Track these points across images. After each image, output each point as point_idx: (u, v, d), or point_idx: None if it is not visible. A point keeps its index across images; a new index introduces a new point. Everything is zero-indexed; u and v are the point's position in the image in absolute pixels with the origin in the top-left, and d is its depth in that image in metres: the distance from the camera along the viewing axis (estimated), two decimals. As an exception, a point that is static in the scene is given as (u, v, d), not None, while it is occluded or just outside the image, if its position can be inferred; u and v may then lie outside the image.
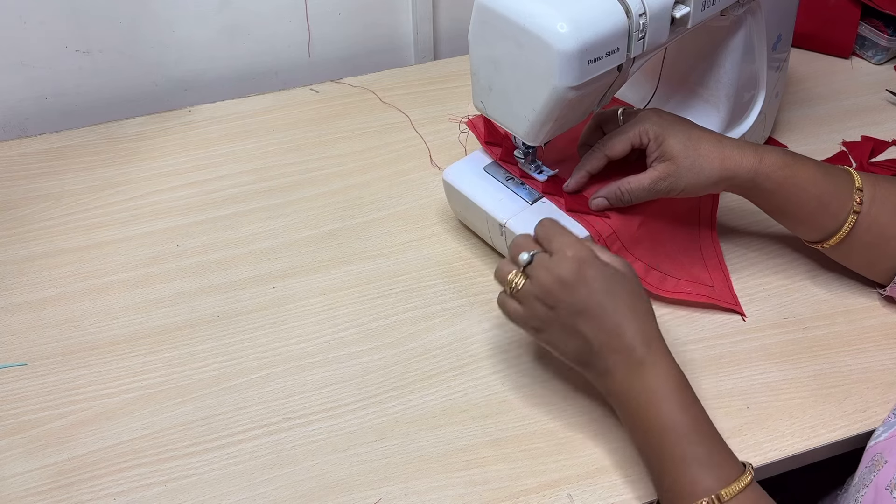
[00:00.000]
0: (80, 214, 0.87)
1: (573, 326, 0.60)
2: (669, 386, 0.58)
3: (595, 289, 0.59)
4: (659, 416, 0.57)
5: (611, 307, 0.59)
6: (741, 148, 0.69)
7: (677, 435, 0.57)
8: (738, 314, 0.75)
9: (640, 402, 0.59)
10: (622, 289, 0.60)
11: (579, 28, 0.60)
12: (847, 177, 0.71)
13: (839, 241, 0.71)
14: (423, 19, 1.09)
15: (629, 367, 0.59)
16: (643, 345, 0.59)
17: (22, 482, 0.64)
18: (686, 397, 0.58)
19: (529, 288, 0.62)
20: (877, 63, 1.06)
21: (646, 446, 0.59)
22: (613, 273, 0.61)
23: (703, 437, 0.57)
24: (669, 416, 0.57)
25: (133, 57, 1.02)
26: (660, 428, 0.57)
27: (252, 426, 0.68)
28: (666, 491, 0.57)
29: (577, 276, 0.59)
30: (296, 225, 0.85)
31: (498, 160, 0.78)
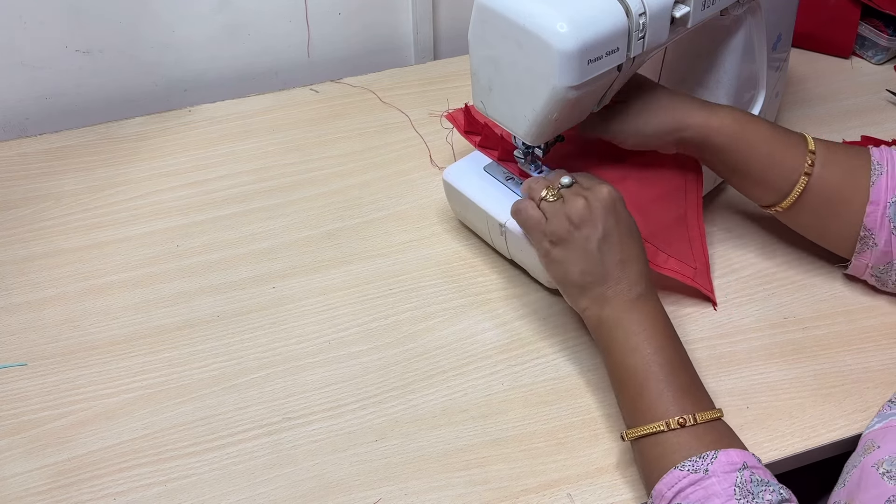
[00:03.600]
0: (80, 214, 0.87)
1: (591, 250, 0.64)
2: (661, 322, 0.63)
3: (623, 223, 0.65)
4: (648, 342, 0.61)
5: (629, 245, 0.65)
6: (692, 103, 0.72)
7: (662, 359, 0.61)
8: (713, 303, 0.76)
9: (632, 329, 0.62)
10: (638, 237, 0.66)
11: (579, 28, 0.60)
12: (800, 139, 0.72)
13: (790, 203, 0.72)
14: (423, 19, 1.10)
15: (628, 298, 0.63)
16: (643, 283, 0.64)
17: (22, 482, 0.64)
18: (673, 335, 0.63)
19: (562, 205, 0.66)
20: (877, 63, 1.06)
21: (627, 369, 0.62)
22: (634, 222, 0.67)
23: (685, 369, 0.61)
24: (657, 344, 0.61)
25: (133, 57, 1.02)
26: (647, 352, 0.61)
27: (252, 426, 0.68)
28: (641, 410, 0.60)
29: (611, 208, 0.65)
30: (296, 225, 0.85)
31: (496, 160, 0.78)
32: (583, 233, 0.64)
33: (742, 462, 0.55)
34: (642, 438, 0.59)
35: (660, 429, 0.58)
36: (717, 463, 0.55)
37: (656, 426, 0.58)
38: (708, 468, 0.55)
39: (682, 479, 0.55)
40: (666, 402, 0.59)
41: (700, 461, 0.55)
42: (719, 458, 0.55)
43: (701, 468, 0.55)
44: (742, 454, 0.56)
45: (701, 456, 0.55)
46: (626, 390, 0.62)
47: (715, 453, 0.55)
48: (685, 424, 0.57)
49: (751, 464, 0.55)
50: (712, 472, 0.54)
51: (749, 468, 0.55)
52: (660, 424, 0.58)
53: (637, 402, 0.61)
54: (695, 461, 0.55)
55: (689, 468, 0.55)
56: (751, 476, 0.54)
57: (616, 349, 0.63)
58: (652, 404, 0.59)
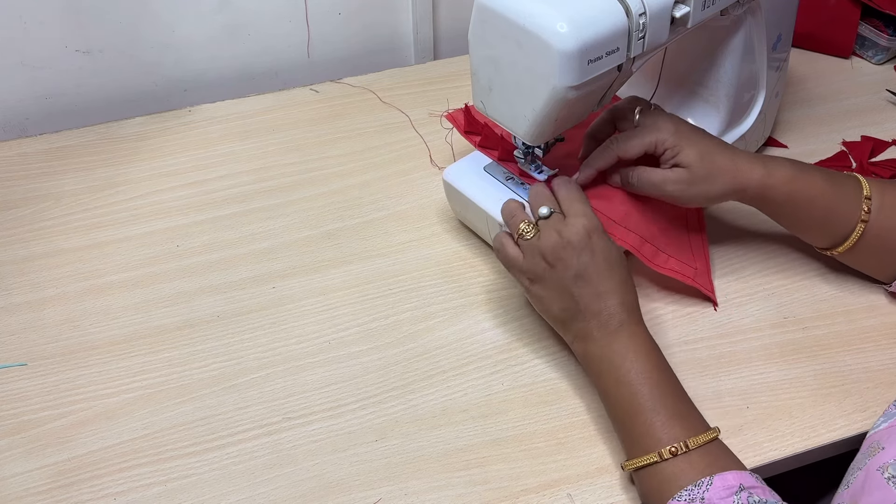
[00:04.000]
0: (80, 214, 0.87)
1: (566, 287, 0.64)
2: (645, 348, 0.63)
3: (599, 255, 0.64)
4: (633, 371, 0.61)
5: (606, 277, 0.64)
6: (752, 162, 0.70)
7: (650, 387, 0.60)
8: (713, 303, 0.76)
9: (615, 361, 0.62)
10: (618, 268, 0.65)
11: (579, 28, 0.60)
12: (855, 185, 0.71)
13: (848, 248, 0.72)
14: (423, 19, 1.10)
15: (608, 330, 0.63)
16: (624, 312, 0.63)
17: (22, 482, 0.64)
18: (659, 359, 0.63)
19: (537, 242, 0.65)
20: (877, 63, 1.06)
21: (617, 401, 0.62)
22: (614, 249, 0.65)
23: (674, 393, 0.61)
24: (643, 372, 0.61)
25: (133, 57, 1.02)
26: (634, 382, 0.61)
27: (252, 426, 0.68)
28: (635, 441, 0.60)
29: (585, 243, 0.64)
30: (296, 225, 0.85)
31: (496, 160, 0.78)
32: (557, 271, 0.64)
33: (738, 484, 0.55)
34: (639, 469, 0.59)
35: (653, 460, 0.58)
36: (712, 489, 0.55)
37: (650, 458, 0.58)
38: (704, 496, 0.55)
39: None
40: (657, 431, 0.59)
41: (696, 489, 0.55)
42: (715, 484, 0.55)
43: (697, 497, 0.55)
44: (738, 476, 0.56)
45: (696, 484, 0.55)
46: (619, 422, 0.62)
47: (710, 479, 0.55)
48: (677, 453, 0.57)
49: (748, 484, 0.55)
50: (708, 499, 0.54)
51: (746, 489, 0.55)
52: (653, 456, 0.58)
53: (630, 432, 0.61)
54: (691, 490, 0.55)
55: (686, 498, 0.55)
56: (748, 498, 0.54)
57: (603, 382, 0.63)
58: (643, 435, 0.59)
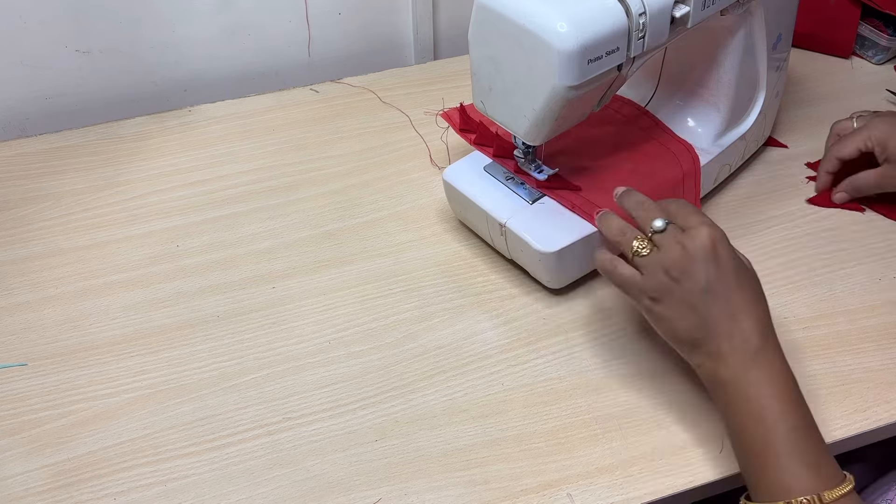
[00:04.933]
0: (81, 214, 0.87)
1: (694, 303, 0.59)
2: (781, 381, 0.57)
3: (726, 270, 0.59)
4: (770, 409, 0.56)
5: (736, 293, 0.59)
6: None
7: (785, 430, 0.55)
8: None
9: (750, 393, 0.57)
10: (748, 280, 0.60)
11: (579, 27, 0.60)
12: None
13: None
14: (423, 19, 1.10)
15: (743, 356, 0.58)
16: (760, 336, 0.58)
17: (22, 482, 0.64)
18: (796, 396, 0.57)
19: (657, 256, 0.60)
20: (877, 63, 1.06)
21: (747, 438, 0.57)
22: (742, 262, 0.61)
23: (810, 438, 0.56)
24: (780, 411, 0.56)
25: (133, 57, 1.02)
26: (769, 421, 0.56)
27: (252, 426, 0.68)
28: (763, 483, 0.56)
29: (712, 255, 0.59)
30: (296, 225, 0.85)
31: (492, 157, 0.78)
32: (682, 286, 0.59)
33: None
34: None
35: None
36: None
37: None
38: None
39: None
40: (788, 479, 0.54)
41: None
42: None
43: None
44: None
45: None
46: (746, 458, 0.58)
47: None
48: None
49: None
50: None
51: None
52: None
53: (758, 474, 0.56)
54: None
55: None
56: None
57: (734, 413, 0.58)
58: (773, 481, 0.55)
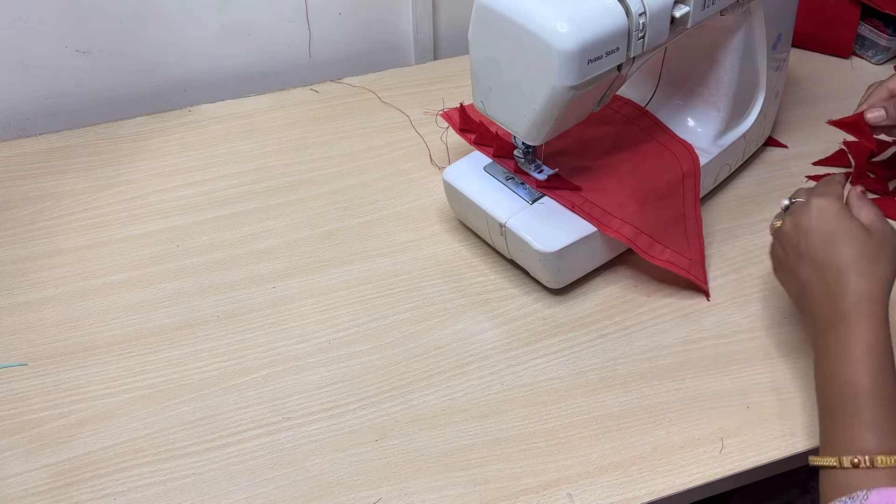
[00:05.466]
0: (81, 214, 0.87)
1: (795, 269, 0.64)
2: (865, 345, 0.57)
3: (824, 237, 0.61)
4: (842, 371, 0.57)
5: (835, 257, 0.60)
6: None
7: (853, 392, 0.56)
8: (706, 294, 0.76)
9: (831, 355, 0.59)
10: (855, 243, 0.60)
11: (579, 28, 0.60)
12: None
13: None
14: (423, 19, 1.10)
15: (829, 317, 0.60)
16: (854, 302, 0.59)
17: (22, 482, 0.64)
18: (879, 361, 0.57)
19: (778, 233, 0.67)
20: (877, 63, 1.06)
21: (824, 395, 0.59)
22: (853, 227, 0.61)
23: (882, 402, 0.56)
24: (851, 374, 0.57)
25: (133, 57, 1.02)
26: (840, 382, 0.57)
27: (252, 426, 0.68)
28: (829, 440, 0.57)
29: (813, 224, 0.62)
30: (296, 225, 0.85)
31: (492, 157, 0.78)
32: (788, 255, 0.65)
33: None
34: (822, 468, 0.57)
35: (832, 464, 0.55)
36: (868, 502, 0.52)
37: (830, 460, 0.55)
38: None
39: None
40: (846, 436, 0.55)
41: (850, 502, 0.52)
42: (870, 499, 0.52)
43: None
44: None
45: (852, 497, 0.52)
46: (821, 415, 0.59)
47: (867, 493, 0.52)
48: (859, 465, 0.53)
49: None
50: None
51: None
52: (832, 459, 0.55)
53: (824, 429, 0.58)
54: (845, 501, 0.53)
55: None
56: None
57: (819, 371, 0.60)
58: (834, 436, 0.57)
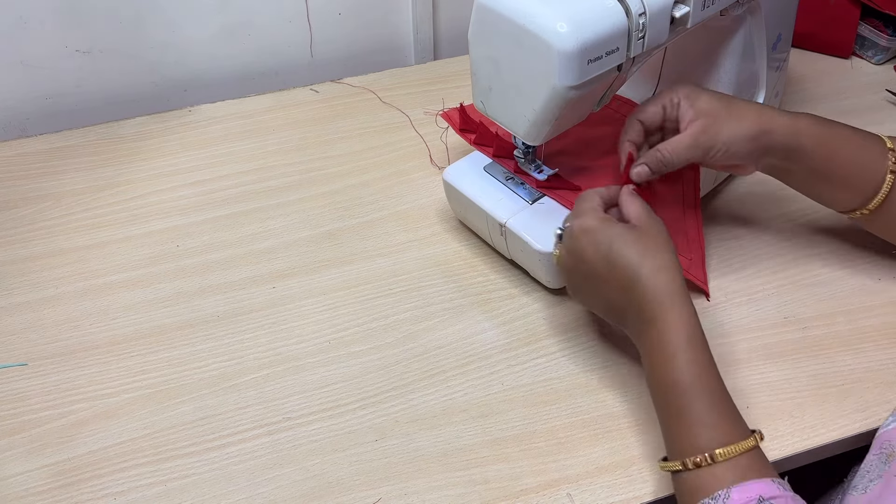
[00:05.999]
0: (81, 214, 0.87)
1: (592, 291, 0.64)
2: (679, 340, 0.58)
3: (602, 254, 0.62)
4: (666, 369, 0.58)
5: (618, 266, 0.61)
6: (772, 108, 0.70)
7: (680, 389, 0.57)
8: (705, 294, 0.76)
9: (652, 356, 0.60)
10: (631, 245, 0.61)
11: (579, 28, 0.60)
12: (876, 138, 0.71)
13: (878, 204, 0.70)
14: (423, 19, 1.10)
15: (642, 320, 0.61)
16: (655, 299, 0.60)
17: (22, 482, 0.64)
18: (696, 353, 0.58)
19: (559, 262, 0.67)
20: (877, 63, 1.06)
21: (655, 398, 0.60)
22: (620, 232, 0.62)
23: (707, 395, 0.57)
24: (675, 371, 0.58)
25: (133, 57, 1.02)
26: (667, 381, 0.58)
27: (252, 426, 0.68)
28: (669, 444, 0.59)
29: (583, 245, 0.63)
30: (296, 225, 0.85)
31: (492, 157, 0.78)
32: (579, 281, 0.65)
33: (758, 496, 0.52)
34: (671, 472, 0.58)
35: (677, 468, 0.56)
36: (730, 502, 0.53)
37: (675, 465, 0.56)
38: None
39: None
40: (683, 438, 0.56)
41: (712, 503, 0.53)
42: (732, 498, 0.53)
43: None
44: (759, 485, 0.53)
45: (713, 497, 0.53)
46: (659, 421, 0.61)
47: (727, 492, 0.53)
48: (701, 465, 0.54)
49: (768, 495, 0.52)
50: None
51: (766, 500, 0.52)
52: (677, 464, 0.56)
53: (665, 434, 0.59)
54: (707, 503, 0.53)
55: None
56: None
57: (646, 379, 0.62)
58: (674, 440, 0.58)
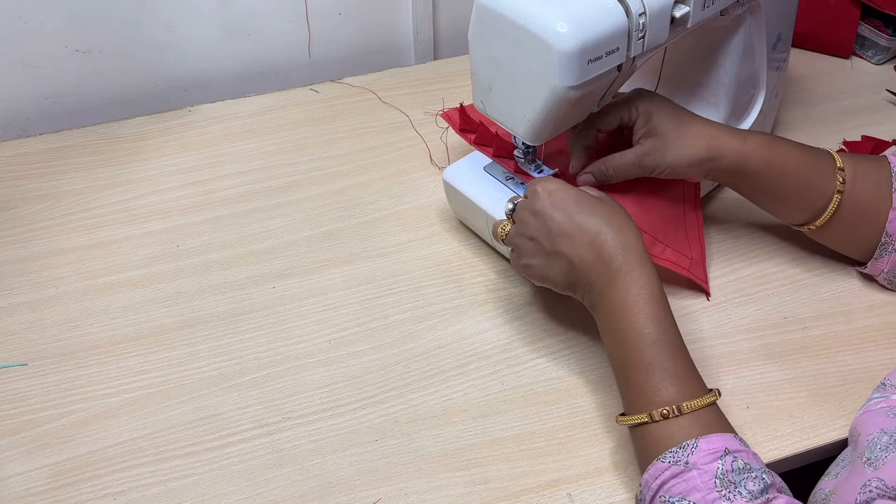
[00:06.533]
0: (81, 214, 0.87)
1: (555, 250, 0.63)
2: (643, 296, 0.60)
3: (566, 209, 0.63)
4: (631, 325, 0.59)
5: (586, 223, 0.62)
6: (727, 131, 0.71)
7: (646, 343, 0.59)
8: (706, 293, 0.77)
9: (615, 311, 0.61)
10: (596, 206, 0.63)
11: (579, 28, 0.60)
12: (828, 157, 0.72)
13: (825, 221, 0.72)
14: (423, 19, 1.10)
15: (608, 276, 0.61)
16: (620, 254, 0.61)
17: (22, 482, 0.64)
18: (659, 310, 0.60)
19: (514, 228, 0.66)
20: (877, 63, 1.06)
21: (616, 354, 0.61)
22: (585, 196, 0.64)
23: (671, 350, 0.59)
24: (640, 326, 0.59)
25: (133, 57, 1.02)
26: (631, 336, 0.59)
27: (252, 426, 0.68)
28: (630, 398, 0.60)
29: (550, 203, 0.63)
30: (296, 225, 0.85)
31: (491, 157, 0.78)
32: (540, 242, 0.64)
33: (723, 448, 0.54)
34: (633, 427, 0.59)
35: (644, 420, 0.57)
36: (697, 453, 0.54)
37: (641, 418, 0.58)
38: (688, 460, 0.54)
39: (665, 472, 0.55)
40: (650, 392, 0.58)
41: (681, 452, 0.55)
42: (700, 447, 0.54)
43: (682, 460, 0.54)
44: (724, 439, 0.55)
45: (682, 446, 0.55)
46: (617, 376, 0.62)
47: (695, 442, 0.55)
48: (669, 416, 0.56)
49: (733, 448, 0.54)
50: (693, 463, 0.54)
51: (731, 453, 0.54)
52: (643, 416, 0.57)
53: (625, 389, 0.60)
54: (675, 452, 0.55)
55: (671, 460, 0.55)
56: (732, 463, 0.53)
57: (605, 335, 0.62)
58: (638, 393, 0.59)
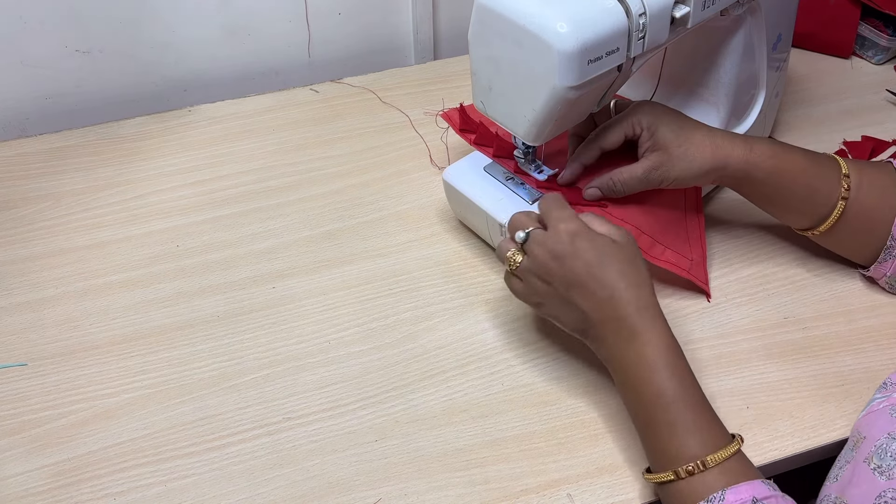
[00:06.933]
0: (81, 214, 0.87)
1: (569, 298, 0.62)
2: (660, 353, 0.59)
3: (587, 260, 0.61)
4: (649, 383, 0.59)
5: (602, 277, 0.61)
6: (732, 139, 0.70)
7: (666, 401, 0.58)
8: (706, 295, 0.77)
9: (632, 370, 0.60)
10: (615, 258, 0.62)
11: (579, 28, 0.60)
12: (833, 164, 0.72)
13: (829, 227, 0.72)
14: (423, 19, 1.10)
15: (621, 335, 0.61)
16: (635, 313, 0.60)
17: (22, 482, 0.64)
18: (676, 365, 0.60)
19: (527, 264, 0.64)
20: (877, 63, 1.06)
21: (637, 412, 0.61)
22: (606, 243, 0.62)
23: (691, 405, 0.58)
24: (659, 384, 0.59)
25: (133, 57, 1.02)
26: (650, 395, 0.59)
27: (252, 426, 0.68)
28: (655, 455, 0.59)
29: (570, 249, 0.61)
30: (296, 225, 0.85)
31: (492, 157, 0.78)
32: (555, 287, 0.62)
33: (751, 497, 0.54)
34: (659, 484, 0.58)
35: (670, 478, 0.57)
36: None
37: (667, 476, 0.57)
38: None
39: None
40: (673, 448, 0.57)
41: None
42: (727, 499, 0.54)
43: None
44: (751, 487, 0.54)
45: (708, 500, 0.54)
46: (639, 433, 0.61)
47: (722, 494, 0.54)
48: (694, 472, 0.56)
49: (760, 496, 0.54)
50: None
51: (759, 501, 0.53)
52: (669, 474, 0.57)
53: (649, 446, 0.60)
54: None
55: None
56: None
57: (622, 391, 0.62)
58: (661, 451, 0.58)
